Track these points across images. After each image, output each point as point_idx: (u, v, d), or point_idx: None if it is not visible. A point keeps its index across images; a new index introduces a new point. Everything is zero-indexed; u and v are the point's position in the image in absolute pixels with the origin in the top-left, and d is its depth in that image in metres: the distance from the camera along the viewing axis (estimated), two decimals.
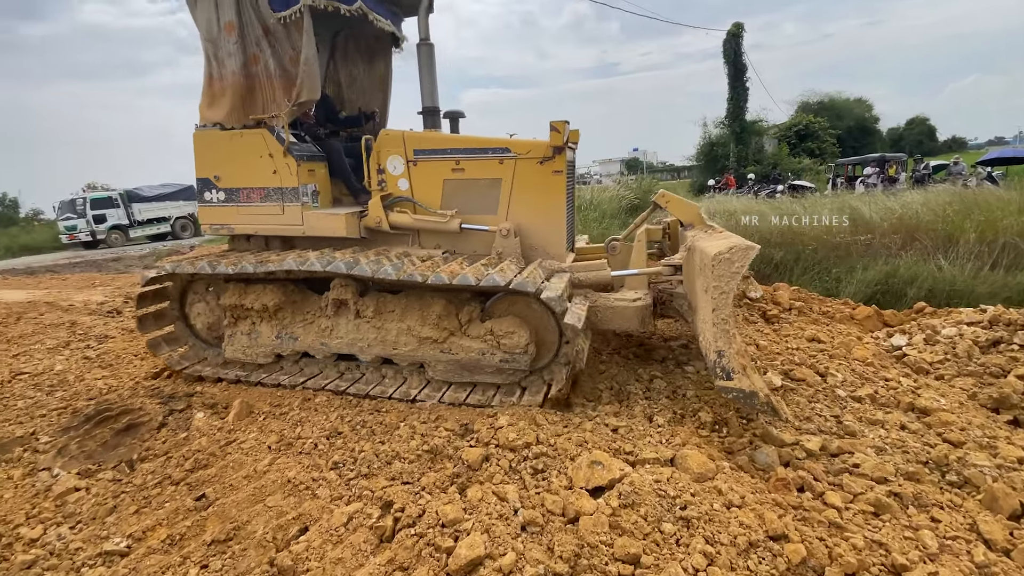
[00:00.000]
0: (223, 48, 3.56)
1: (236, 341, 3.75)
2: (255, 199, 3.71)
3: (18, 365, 4.59)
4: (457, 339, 3.24)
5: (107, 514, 2.34)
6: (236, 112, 3.61)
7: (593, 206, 11.61)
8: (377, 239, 3.71)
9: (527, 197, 3.49)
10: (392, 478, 2.35)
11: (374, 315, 3.38)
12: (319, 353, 3.59)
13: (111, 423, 3.16)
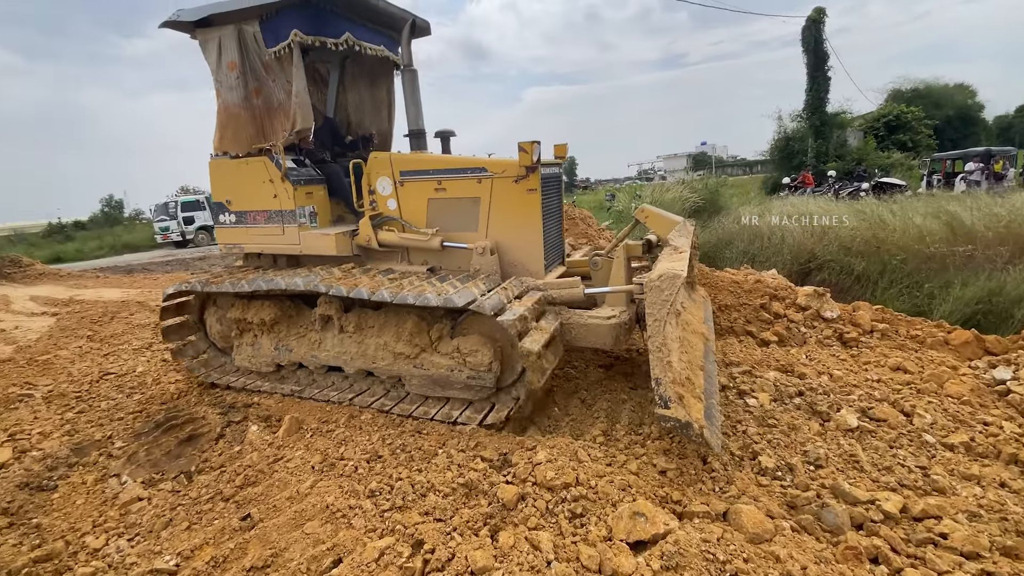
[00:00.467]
0: (227, 84, 3.87)
1: (242, 351, 4.09)
2: (260, 221, 4.03)
3: (107, 365, 5.03)
4: (428, 355, 3.36)
5: (163, 527, 2.47)
6: (241, 142, 3.92)
7: None
8: (371, 256, 3.93)
9: (504, 215, 3.58)
10: (425, 512, 2.30)
11: (355, 330, 3.59)
12: (311, 364, 3.84)
13: (177, 431, 3.36)
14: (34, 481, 2.97)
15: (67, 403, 4.19)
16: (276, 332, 3.94)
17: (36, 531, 2.52)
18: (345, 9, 3.91)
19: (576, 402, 3.36)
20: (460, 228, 3.69)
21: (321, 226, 3.98)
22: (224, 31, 3.80)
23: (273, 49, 3.64)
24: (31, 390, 4.61)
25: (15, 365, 5.43)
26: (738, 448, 2.78)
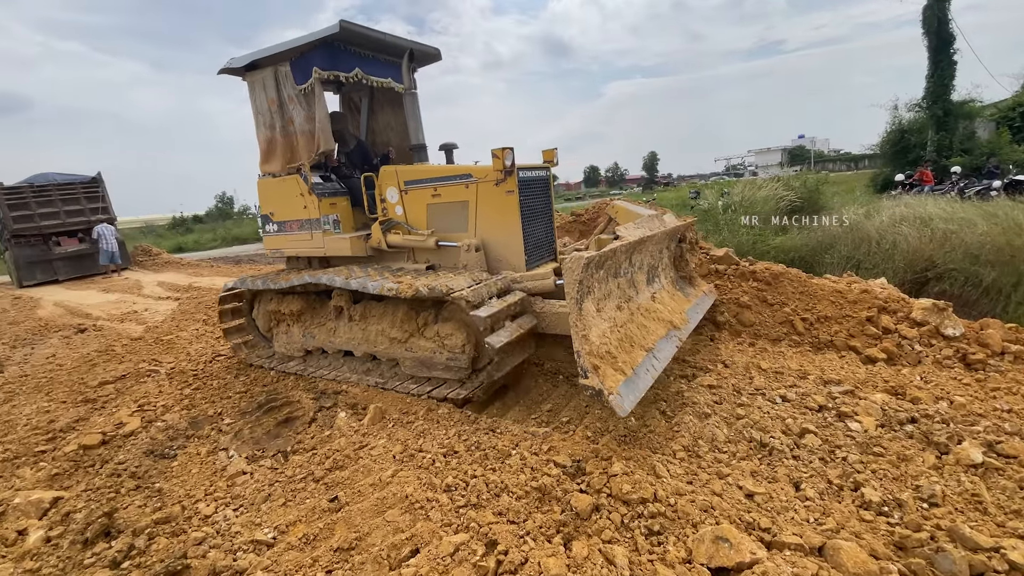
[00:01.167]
0: (269, 117, 4.61)
1: (279, 338, 4.84)
2: (295, 229, 4.73)
3: (218, 347, 5.58)
4: (416, 339, 3.82)
5: (263, 501, 2.70)
6: (280, 163, 4.62)
7: (743, 207, 10.45)
8: (384, 257, 4.52)
9: (488, 215, 4.00)
10: (499, 513, 2.33)
11: (360, 319, 4.13)
12: (329, 349, 4.46)
13: (275, 413, 3.67)
14: (157, 449, 3.37)
15: (186, 380, 4.71)
16: (303, 322, 4.61)
17: (158, 495, 2.85)
18: (356, 46, 4.41)
19: (655, 413, 3.24)
20: (454, 229, 4.16)
21: (344, 232, 4.56)
22: (264, 73, 4.52)
23: (301, 86, 4.29)
24: (157, 366, 5.24)
25: (145, 343, 6.20)
26: (837, 476, 2.54)
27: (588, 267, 2.80)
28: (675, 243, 4.61)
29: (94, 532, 2.48)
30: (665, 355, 3.29)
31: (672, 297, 4.16)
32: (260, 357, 4.95)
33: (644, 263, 3.87)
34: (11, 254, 13.99)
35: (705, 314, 4.42)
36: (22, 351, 6.57)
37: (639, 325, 3.38)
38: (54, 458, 3.43)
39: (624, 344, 3.08)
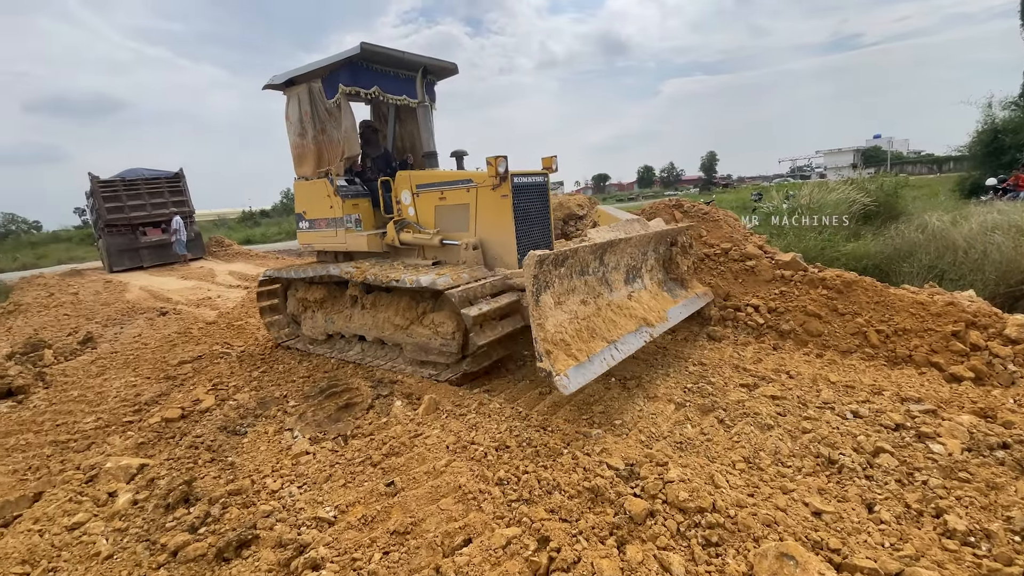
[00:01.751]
0: (303, 127, 5.10)
1: (307, 323, 5.40)
2: (323, 226, 5.21)
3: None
4: (415, 327, 4.24)
5: (324, 480, 2.83)
6: (312, 168, 5.13)
7: (810, 210, 9.86)
8: (398, 253, 4.93)
9: (486, 217, 4.34)
10: (551, 510, 2.33)
11: (371, 307, 4.61)
12: (347, 333, 4.96)
13: (336, 398, 3.83)
14: (230, 426, 3.60)
15: (254, 363, 5.01)
16: (325, 309, 5.17)
17: (230, 468, 3.05)
18: (377, 63, 4.83)
19: (713, 421, 3.13)
20: (457, 229, 4.54)
21: (365, 230, 4.99)
22: (300, 88, 5.03)
23: (332, 100, 4.75)
24: (229, 349, 5.60)
25: (218, 327, 6.63)
26: (916, 500, 2.36)
27: (543, 264, 3.14)
28: (665, 247, 4.83)
29: (175, 498, 2.69)
30: (629, 348, 3.57)
31: (654, 297, 4.38)
32: (291, 338, 5.55)
33: (621, 264, 4.12)
34: (104, 242, 15.37)
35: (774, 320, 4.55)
36: (112, 330, 7.21)
37: (606, 319, 3.67)
38: (140, 428, 3.75)
39: (583, 334, 3.39)
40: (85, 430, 3.84)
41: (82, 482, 3.02)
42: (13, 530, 2.65)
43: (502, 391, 3.78)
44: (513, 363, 4.41)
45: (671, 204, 6.05)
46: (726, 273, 5.24)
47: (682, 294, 4.76)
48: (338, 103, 4.73)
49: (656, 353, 4.40)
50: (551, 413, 3.34)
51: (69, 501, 2.83)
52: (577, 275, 3.58)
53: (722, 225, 5.65)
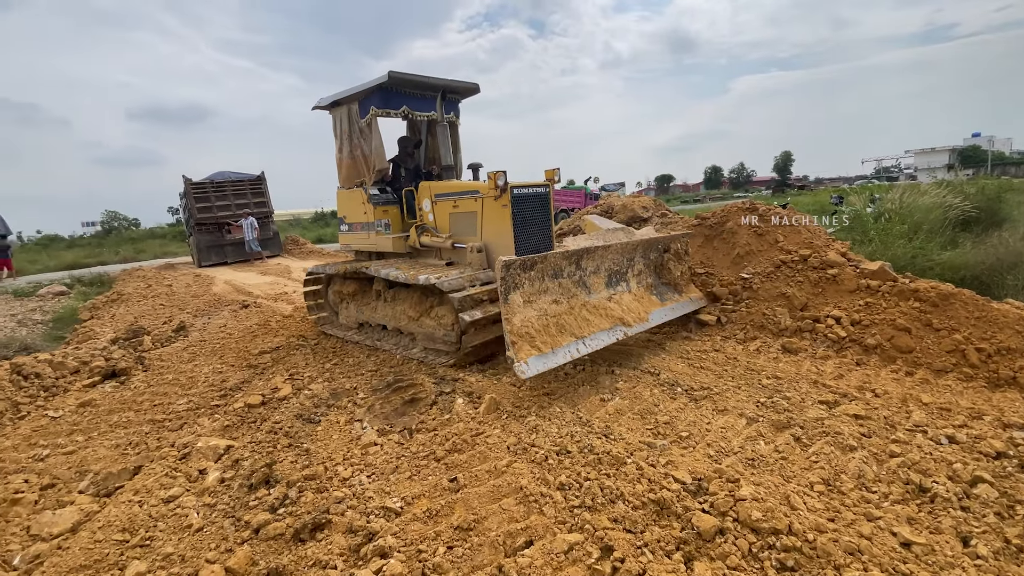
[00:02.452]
0: (342, 143, 5.82)
1: (343, 313, 6.18)
2: (359, 229, 5.97)
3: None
4: (424, 319, 4.91)
5: (391, 472, 2.94)
6: (351, 179, 5.84)
7: (900, 215, 9.06)
8: (420, 254, 5.62)
9: (489, 224, 4.82)
10: (614, 520, 2.29)
11: (391, 300, 5.31)
12: (373, 323, 5.69)
13: (402, 393, 3.97)
14: (305, 414, 3.82)
15: (327, 356, 5.29)
16: (356, 301, 5.93)
17: (306, 454, 3.24)
18: (405, 87, 5.44)
19: (788, 438, 2.96)
20: (467, 234, 5.04)
21: (392, 233, 5.67)
22: (341, 109, 5.72)
23: (364, 120, 5.41)
24: (303, 342, 5.94)
25: (294, 320, 7.05)
26: (1017, 536, 2.13)
27: (509, 268, 3.67)
28: (656, 253, 5.15)
29: (257, 479, 2.89)
30: (598, 344, 4.00)
31: (638, 299, 4.73)
32: (331, 326, 6.23)
33: (602, 268, 4.53)
34: (194, 239, 16.76)
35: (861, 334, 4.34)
36: (201, 320, 7.85)
37: (579, 317, 4.10)
38: (226, 412, 4.06)
39: (550, 329, 3.85)
40: (178, 411, 4.20)
41: (176, 459, 3.31)
42: (116, 500, 2.94)
43: (562, 395, 3.76)
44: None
45: (744, 207, 5.78)
46: (803, 282, 4.94)
47: (673, 298, 5.11)
48: (369, 123, 5.42)
49: (726, 364, 4.22)
50: (613, 421, 3.29)
51: (165, 476, 3.11)
52: (550, 278, 4.05)
53: (800, 230, 5.34)
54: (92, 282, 14.08)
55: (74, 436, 3.88)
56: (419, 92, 5.59)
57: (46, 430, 4.01)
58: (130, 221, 46.47)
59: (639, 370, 4.12)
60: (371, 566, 2.14)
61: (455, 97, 6.04)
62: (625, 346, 4.76)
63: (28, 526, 2.71)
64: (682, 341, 4.90)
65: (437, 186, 5.43)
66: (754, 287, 5.17)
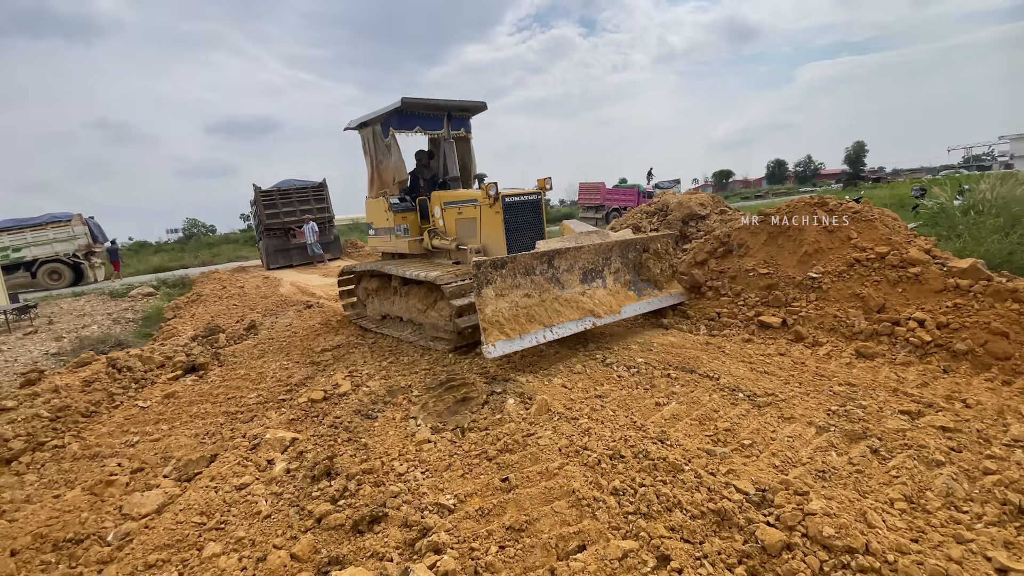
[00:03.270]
0: (368, 159, 6.81)
1: (370, 306, 6.98)
2: (382, 233, 6.86)
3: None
4: (431, 311, 5.56)
5: (444, 469, 2.99)
6: (376, 190, 6.78)
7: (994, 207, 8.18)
8: (433, 255, 6.42)
9: (487, 228, 5.51)
10: (671, 528, 2.21)
11: (405, 295, 6.08)
12: (391, 315, 6.43)
13: (455, 392, 4.03)
14: (364, 409, 3.96)
15: (383, 354, 5.46)
16: (381, 295, 6.63)
17: (364, 448, 3.35)
18: (418, 109, 6.24)
19: (863, 450, 2.75)
20: (469, 237, 5.75)
21: (410, 237, 6.48)
22: (367, 130, 6.66)
23: (387, 140, 6.31)
24: (361, 340, 6.17)
25: (352, 320, 7.32)
26: None
27: (481, 267, 4.25)
28: (635, 253, 5.59)
29: (319, 471, 3.02)
30: (565, 331, 4.55)
31: (612, 294, 5.18)
32: (361, 317, 7.02)
33: (575, 267, 5.00)
34: (263, 243, 17.85)
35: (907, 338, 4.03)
36: (270, 319, 8.34)
37: (550, 309, 4.62)
38: (291, 406, 4.28)
39: (520, 319, 4.38)
40: (249, 404, 4.48)
41: (247, 449, 3.53)
42: (195, 485, 3.16)
43: (615, 398, 3.69)
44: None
45: (812, 202, 5.43)
46: (881, 281, 4.57)
47: (651, 293, 5.55)
48: (388, 144, 6.33)
49: (792, 369, 3.98)
50: (669, 426, 3.18)
51: (237, 464, 3.32)
52: (521, 275, 4.56)
53: (877, 225, 4.95)
54: (175, 284, 15.32)
55: (160, 425, 4.23)
56: (430, 112, 6.38)
57: (136, 419, 4.40)
58: (207, 227, 50.10)
59: (697, 374, 3.97)
60: (425, 560, 2.18)
61: (464, 115, 6.76)
62: (683, 349, 4.60)
63: (120, 506, 2.98)
64: (743, 344, 4.68)
65: (445, 195, 6.19)
66: (823, 287, 4.84)
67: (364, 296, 7.10)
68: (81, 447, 3.90)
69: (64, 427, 4.27)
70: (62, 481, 3.43)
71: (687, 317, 5.56)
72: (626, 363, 4.33)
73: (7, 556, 2.58)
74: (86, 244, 18.93)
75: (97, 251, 19.88)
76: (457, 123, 6.65)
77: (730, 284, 5.57)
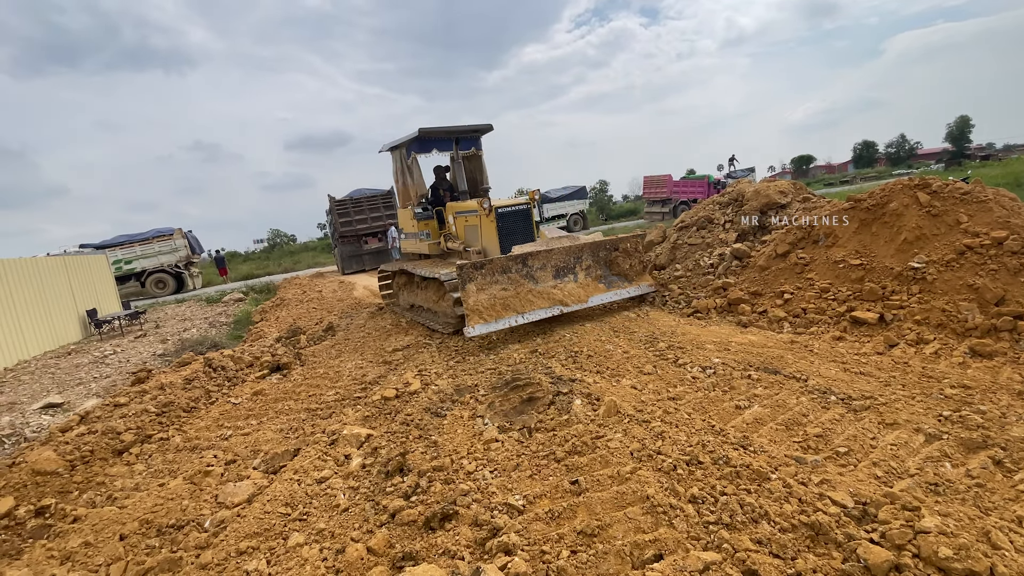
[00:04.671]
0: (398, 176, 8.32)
1: (400, 297, 8.45)
2: (410, 237, 8.34)
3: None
4: (441, 302, 6.52)
5: (513, 469, 2.96)
6: (404, 200, 8.35)
7: None
8: (448, 255, 7.39)
9: (485, 233, 6.61)
10: (758, 541, 2.04)
11: (424, 288, 7.27)
12: (415, 304, 7.68)
13: (520, 391, 4.00)
14: (433, 408, 4.04)
15: (450, 354, 5.55)
16: (408, 289, 8.03)
17: (434, 446, 3.41)
18: (433, 136, 7.57)
19: (984, 460, 2.41)
20: (474, 241, 6.89)
21: (431, 240, 7.69)
22: (396, 153, 8.29)
23: (409, 160, 7.78)
24: (429, 341, 6.31)
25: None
26: None
27: (463, 269, 5.46)
28: (605, 252, 6.46)
29: (393, 467, 3.10)
30: (535, 317, 5.62)
31: (582, 287, 6.13)
32: (395, 306, 8.59)
33: (548, 265, 6.02)
34: (338, 250, 18.85)
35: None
36: (345, 320, 8.76)
37: (523, 300, 5.68)
38: (365, 404, 4.44)
39: (496, 308, 5.53)
40: (327, 401, 4.71)
41: (326, 444, 3.70)
42: (280, 477, 3.35)
43: (690, 400, 3.50)
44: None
45: (913, 184, 4.89)
46: (999, 270, 4.03)
47: (621, 285, 6.41)
48: (410, 165, 7.84)
49: (894, 370, 3.60)
50: (752, 431, 2.97)
51: (318, 459, 3.49)
52: (499, 273, 5.72)
53: (992, 207, 4.37)
54: (261, 290, 16.54)
55: (249, 420, 4.55)
56: (442, 137, 7.65)
57: (229, 414, 4.76)
58: (288, 237, 53.71)
59: (782, 375, 3.68)
60: (496, 561, 2.16)
61: (473, 135, 7.95)
62: (764, 348, 4.30)
63: (216, 494, 3.22)
64: (833, 342, 4.29)
65: (457, 205, 7.48)
66: (928, 278, 4.34)
67: (397, 289, 8.64)
68: (183, 439, 4.28)
69: (168, 421, 4.71)
70: (166, 471, 3.77)
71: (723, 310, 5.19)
72: (701, 363, 4.11)
73: (116, 540, 2.86)
74: (186, 255, 20.90)
75: (195, 261, 21.91)
76: (466, 144, 7.88)
77: (816, 277, 5.14)
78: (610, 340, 5.15)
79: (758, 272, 5.73)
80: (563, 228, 25.86)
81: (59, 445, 4.07)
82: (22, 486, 3.58)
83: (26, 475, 3.68)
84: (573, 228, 25.82)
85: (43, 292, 9.95)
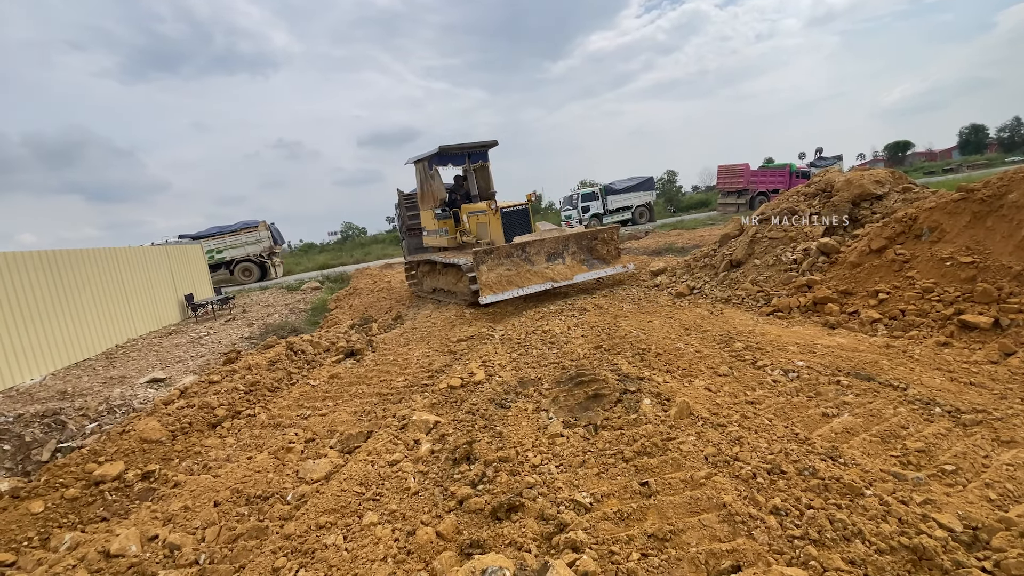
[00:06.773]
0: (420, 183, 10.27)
1: (424, 282, 10.19)
2: (431, 233, 10.20)
3: (538, 325, 6.40)
4: (460, 283, 8.25)
5: (579, 465, 2.93)
6: (426, 203, 10.23)
7: None
8: (464, 247, 9.02)
9: (493, 229, 8.42)
10: (851, 562, 1.88)
11: (444, 273, 9.06)
12: (437, 287, 9.43)
13: (585, 387, 3.94)
14: (497, 399, 4.07)
15: (512, 346, 5.58)
16: (431, 275, 9.69)
17: (499, 437, 3.43)
18: (450, 151, 9.34)
19: None
20: (484, 235, 8.61)
21: (449, 235, 9.56)
22: (420, 164, 9.98)
23: (431, 171, 9.64)
24: (492, 332, 6.37)
25: (485, 313, 7.63)
26: None
27: (476, 255, 7.30)
28: (587, 240, 8.32)
29: (460, 455, 3.16)
30: (532, 290, 7.43)
31: (569, 268, 7.93)
32: (420, 290, 10.25)
33: (542, 251, 7.86)
34: (406, 242, 19.45)
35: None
36: (412, 311, 9.05)
37: (523, 278, 7.47)
38: (433, 391, 4.56)
39: (502, 283, 7.31)
40: (397, 387, 4.88)
41: (397, 428, 3.84)
42: (355, 458, 3.52)
43: (771, 405, 3.29)
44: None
45: None
46: None
47: (601, 267, 8.17)
48: (432, 175, 9.69)
49: (1011, 381, 3.20)
50: (841, 441, 2.74)
51: (389, 442, 3.62)
52: (504, 257, 7.54)
53: None
54: (336, 279, 17.46)
55: (326, 401, 4.81)
56: (457, 152, 9.49)
57: (308, 395, 5.06)
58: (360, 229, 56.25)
59: (876, 382, 3.38)
60: (564, 557, 2.14)
61: (482, 150, 9.73)
62: (855, 352, 3.96)
63: (297, 470, 3.43)
64: (937, 348, 3.88)
65: (470, 207, 9.31)
66: None
67: (420, 276, 10.47)
68: (268, 416, 4.60)
69: (255, 399, 5.08)
70: (253, 445, 4.07)
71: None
72: (783, 366, 3.86)
73: (211, 506, 3.12)
74: (269, 246, 22.44)
75: (277, 251, 23.48)
76: (476, 157, 9.75)
77: (919, 276, 4.66)
78: (681, 338, 4.95)
79: (848, 269, 5.28)
80: (627, 221, 25.27)
81: (162, 416, 4.51)
82: (131, 452, 4.00)
83: (135, 442, 4.11)
84: (639, 221, 25.07)
85: (149, 278, 11.07)
